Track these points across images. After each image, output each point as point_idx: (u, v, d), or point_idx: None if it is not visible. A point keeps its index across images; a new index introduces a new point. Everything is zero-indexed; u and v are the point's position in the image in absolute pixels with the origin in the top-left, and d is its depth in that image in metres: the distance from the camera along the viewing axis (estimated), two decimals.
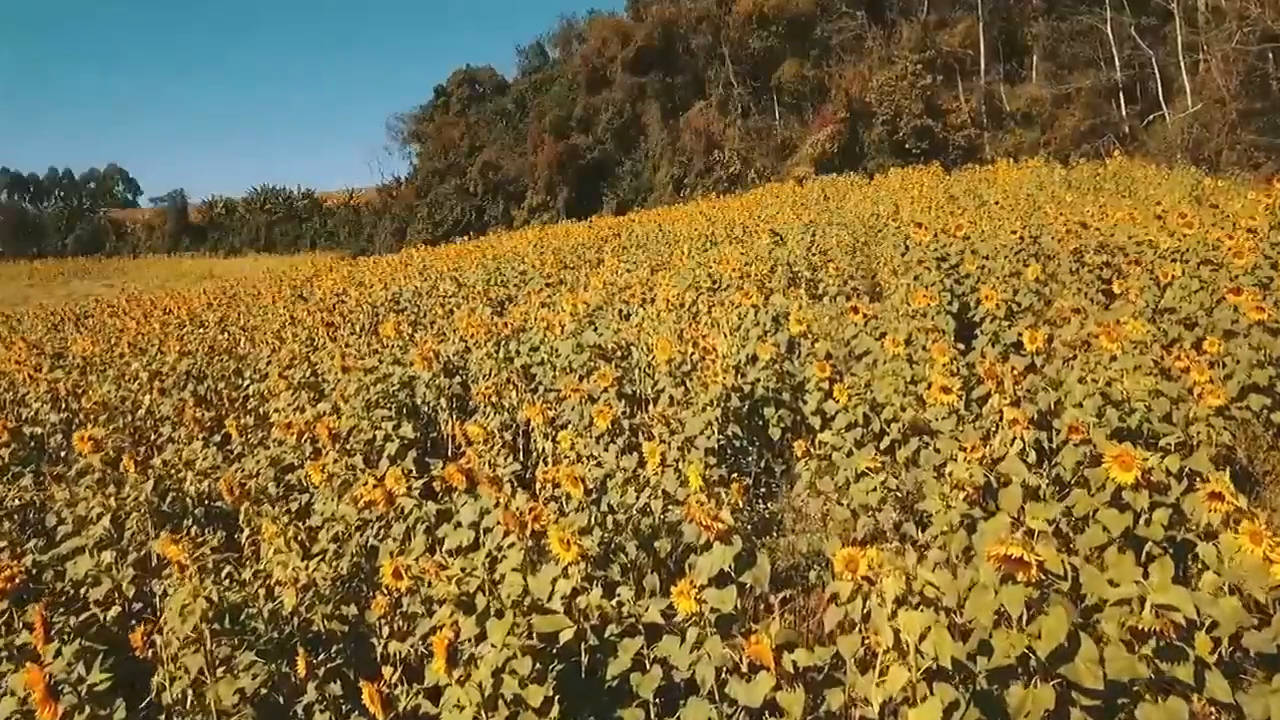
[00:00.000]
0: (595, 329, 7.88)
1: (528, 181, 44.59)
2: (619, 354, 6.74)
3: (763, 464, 5.75)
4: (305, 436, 5.27)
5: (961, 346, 5.85)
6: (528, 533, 3.29)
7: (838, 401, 5.32)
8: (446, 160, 49.44)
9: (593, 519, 3.53)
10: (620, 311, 8.87)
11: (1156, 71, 27.10)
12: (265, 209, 69.64)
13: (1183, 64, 26.09)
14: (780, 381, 6.06)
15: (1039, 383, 5.21)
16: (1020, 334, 6.26)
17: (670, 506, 4.17)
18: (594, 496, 4.27)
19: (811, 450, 4.26)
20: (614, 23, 43.36)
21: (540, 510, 3.13)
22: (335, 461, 4.93)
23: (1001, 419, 4.60)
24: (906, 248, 13.20)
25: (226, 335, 9.28)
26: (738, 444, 5.81)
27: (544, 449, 4.83)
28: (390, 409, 5.76)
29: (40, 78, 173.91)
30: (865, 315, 6.59)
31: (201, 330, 9.56)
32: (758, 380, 6.07)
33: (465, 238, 30.95)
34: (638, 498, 4.27)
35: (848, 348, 6.98)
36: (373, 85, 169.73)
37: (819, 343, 6.14)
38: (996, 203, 14.52)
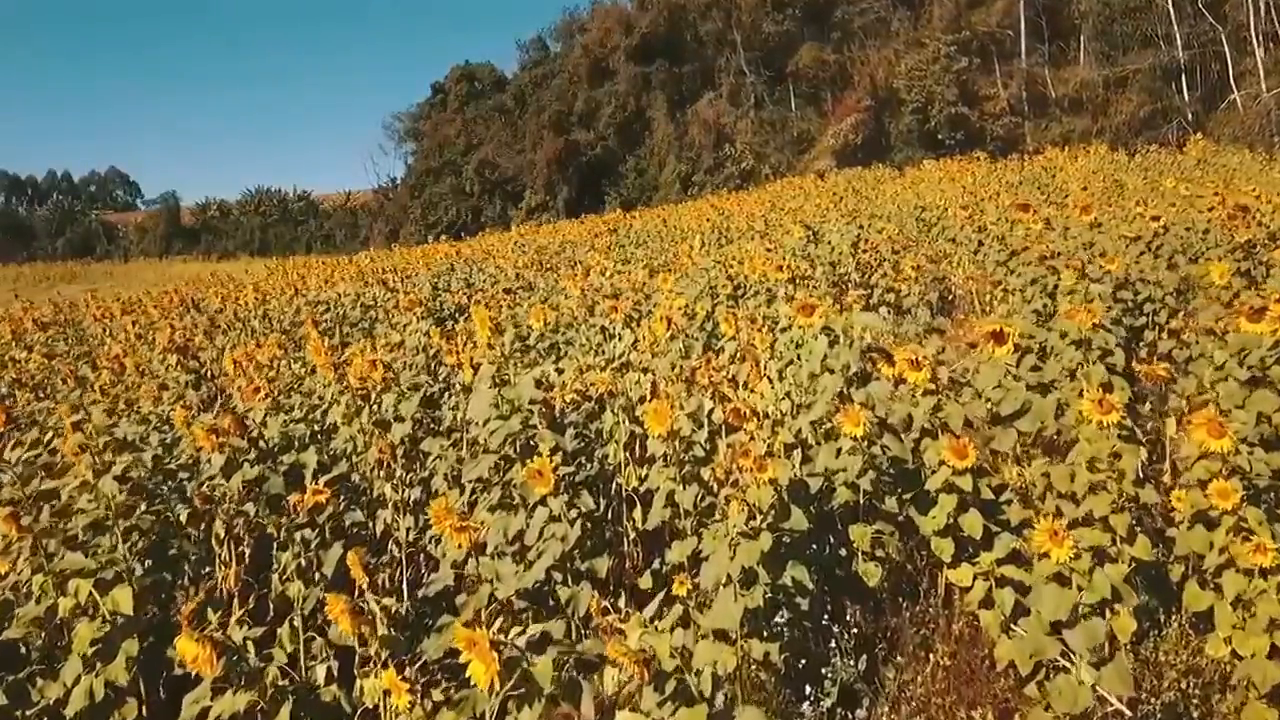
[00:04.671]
0: (557, 362, 5.08)
1: (526, 180, 42.02)
2: (584, 413, 3.94)
3: (856, 666, 2.91)
4: None
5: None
6: None
7: (1025, 538, 2.57)
8: (441, 159, 47.01)
9: None
10: (603, 329, 6.05)
11: (1226, 49, 24.02)
12: (260, 211, 67.90)
13: (1255, 40, 23.05)
14: (879, 473, 3.23)
15: None
16: None
17: None
18: None
19: None
20: (617, 11, 40.69)
21: None
22: None
23: None
24: (979, 244, 10.51)
25: (53, 363, 6.54)
26: (801, 606, 2.98)
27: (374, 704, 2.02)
28: (131, 534, 2.96)
29: (37, 80, 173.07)
30: (1019, 345, 3.73)
31: (21, 353, 6.84)
32: (835, 474, 3.25)
33: (455, 239, 28.24)
34: None
35: (947, 397, 4.08)
36: (374, 85, 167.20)
37: (945, 400, 3.30)
38: (1084, 188, 11.64)
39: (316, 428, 4.08)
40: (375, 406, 3.60)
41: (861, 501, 3.25)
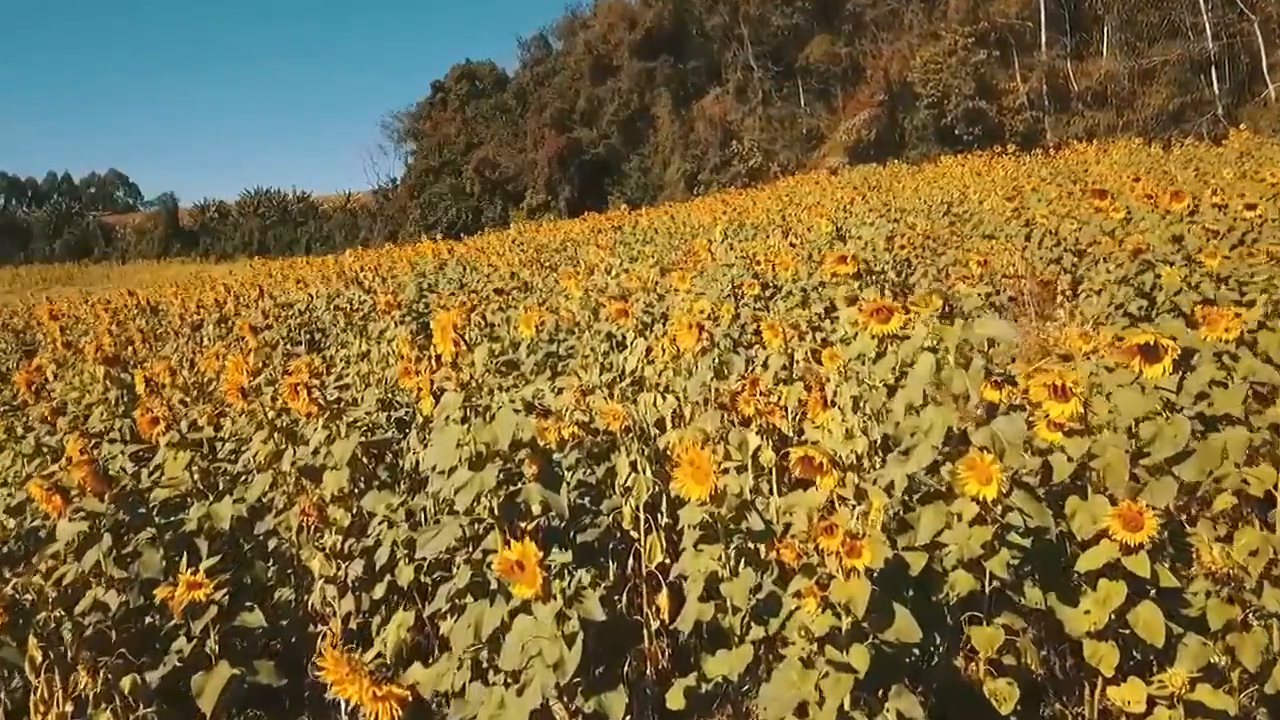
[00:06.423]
0: (553, 378, 4.09)
1: (527, 180, 41.09)
2: (588, 450, 2.95)
3: None
4: None
5: None
6: None
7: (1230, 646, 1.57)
8: (441, 158, 46.11)
9: None
10: (610, 335, 5.06)
11: (1259, 40, 22.92)
12: (259, 212, 67.19)
13: None
14: (1013, 550, 2.24)
15: None
16: None
17: None
18: None
19: None
20: (621, 6, 39.69)
21: None
22: None
23: None
24: (1028, 238, 9.66)
25: None
26: None
27: None
28: None
29: (38, 81, 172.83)
30: (1179, 365, 2.73)
31: None
32: (946, 549, 2.26)
33: (454, 240, 27.23)
34: None
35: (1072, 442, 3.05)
36: (374, 86, 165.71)
37: (1109, 443, 2.32)
38: (1137, 179, 10.61)
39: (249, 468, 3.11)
40: (301, 447, 2.62)
41: (988, 590, 2.26)
